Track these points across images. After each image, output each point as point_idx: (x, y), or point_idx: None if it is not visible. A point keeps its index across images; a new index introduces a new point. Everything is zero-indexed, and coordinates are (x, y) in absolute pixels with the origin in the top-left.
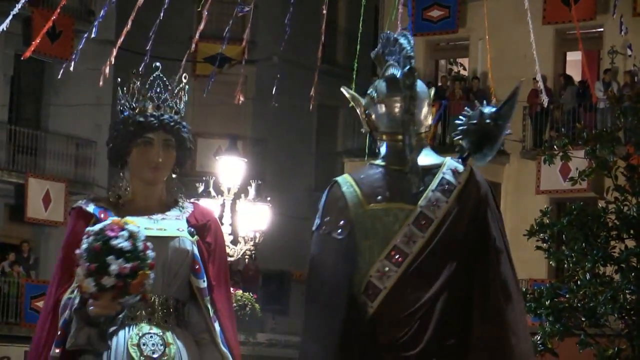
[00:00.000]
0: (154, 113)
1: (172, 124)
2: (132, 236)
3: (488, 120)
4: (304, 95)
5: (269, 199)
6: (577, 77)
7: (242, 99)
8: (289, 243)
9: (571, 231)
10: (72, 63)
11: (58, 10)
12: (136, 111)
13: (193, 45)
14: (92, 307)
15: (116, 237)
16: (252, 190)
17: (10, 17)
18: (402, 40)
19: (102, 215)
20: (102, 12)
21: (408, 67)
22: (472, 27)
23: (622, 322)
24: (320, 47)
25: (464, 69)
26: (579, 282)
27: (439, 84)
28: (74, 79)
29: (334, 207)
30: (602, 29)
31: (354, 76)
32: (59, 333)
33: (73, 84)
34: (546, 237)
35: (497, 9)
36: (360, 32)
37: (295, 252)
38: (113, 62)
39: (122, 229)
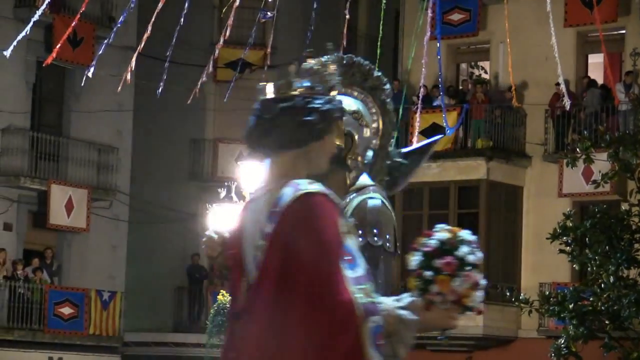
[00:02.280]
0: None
1: None
2: None
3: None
4: None
5: None
6: (599, 80)
7: None
8: None
9: (594, 234)
10: (93, 69)
11: (78, 16)
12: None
13: (217, 51)
14: (449, 320)
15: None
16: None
17: (31, 23)
18: (378, 75)
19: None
20: (121, 18)
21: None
22: (493, 30)
23: None
24: (340, 52)
25: (485, 72)
26: (602, 285)
27: (460, 87)
28: (95, 85)
29: (390, 225)
30: (624, 31)
31: None
32: (381, 342)
33: (94, 90)
34: (569, 241)
35: (518, 12)
36: (381, 36)
37: None
38: (133, 68)
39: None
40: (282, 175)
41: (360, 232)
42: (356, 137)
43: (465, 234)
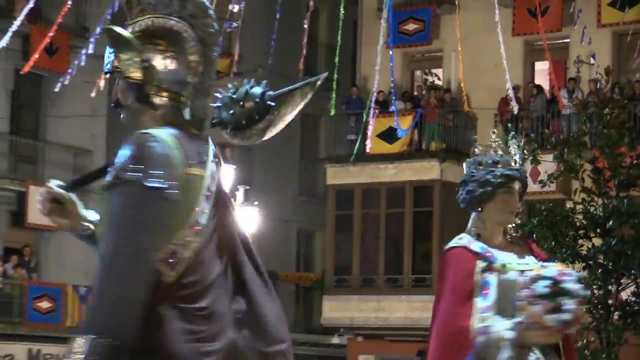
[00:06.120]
0: (515, 167)
1: (524, 178)
2: (577, 280)
3: (252, 102)
4: None
5: (256, 203)
6: (545, 85)
7: None
8: (275, 244)
9: (541, 231)
10: (69, 77)
11: (55, 27)
12: (498, 164)
13: None
14: (538, 337)
15: (566, 282)
16: (240, 195)
17: (10, 33)
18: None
19: (488, 254)
20: (97, 29)
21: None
22: (445, 39)
23: (590, 316)
24: (302, 60)
25: (439, 78)
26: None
27: (415, 93)
28: (71, 91)
29: (158, 162)
30: (568, 40)
31: (334, 87)
32: (472, 352)
33: (70, 96)
34: None
35: (469, 22)
36: (340, 45)
37: (281, 253)
38: (107, 76)
39: (568, 275)
40: (465, 230)
41: (116, 171)
42: (158, 69)
43: (548, 271)
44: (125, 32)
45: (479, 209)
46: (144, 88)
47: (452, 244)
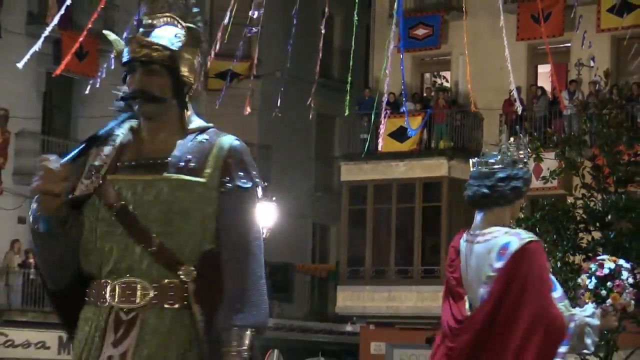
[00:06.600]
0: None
1: None
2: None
3: None
4: (304, 105)
5: (274, 198)
6: (547, 87)
7: (249, 109)
8: (292, 238)
9: (543, 224)
10: (98, 80)
11: (85, 32)
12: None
13: (208, 63)
14: (614, 322)
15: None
16: (258, 191)
17: (42, 39)
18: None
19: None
20: (124, 35)
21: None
22: (453, 43)
23: None
24: (317, 63)
25: (447, 81)
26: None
27: (424, 94)
28: (99, 93)
29: None
30: (569, 44)
31: (348, 88)
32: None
33: (98, 98)
34: None
35: (476, 27)
36: (353, 49)
37: (298, 245)
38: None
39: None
40: (495, 225)
41: (241, 173)
42: (198, 71)
43: (624, 263)
44: (202, 36)
45: (513, 205)
46: (186, 87)
47: (526, 238)
